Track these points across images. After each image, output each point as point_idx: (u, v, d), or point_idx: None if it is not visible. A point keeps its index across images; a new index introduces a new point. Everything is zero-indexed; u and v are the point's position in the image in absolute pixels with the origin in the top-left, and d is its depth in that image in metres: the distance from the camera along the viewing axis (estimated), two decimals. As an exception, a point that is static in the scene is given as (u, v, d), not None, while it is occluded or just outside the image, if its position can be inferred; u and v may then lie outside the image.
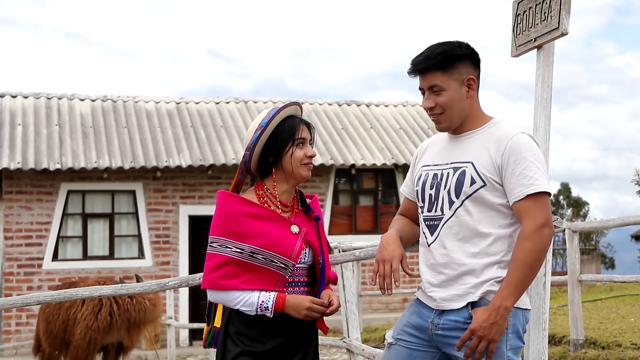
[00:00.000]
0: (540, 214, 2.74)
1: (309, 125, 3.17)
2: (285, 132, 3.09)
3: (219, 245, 3.00)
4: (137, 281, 7.98)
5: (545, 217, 2.75)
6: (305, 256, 3.09)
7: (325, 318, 3.13)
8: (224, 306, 3.11)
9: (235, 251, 2.98)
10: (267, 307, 2.97)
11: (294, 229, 3.07)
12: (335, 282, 3.27)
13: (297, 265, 3.07)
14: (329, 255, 3.26)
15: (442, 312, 2.86)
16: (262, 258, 2.99)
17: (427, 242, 2.94)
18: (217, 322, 3.15)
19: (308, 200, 3.24)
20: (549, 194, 2.80)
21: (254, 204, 3.07)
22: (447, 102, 2.88)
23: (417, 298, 3.01)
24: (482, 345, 2.70)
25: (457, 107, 2.89)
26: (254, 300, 2.97)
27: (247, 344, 3.00)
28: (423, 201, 2.97)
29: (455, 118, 2.90)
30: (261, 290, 2.99)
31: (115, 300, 7.15)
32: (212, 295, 3.05)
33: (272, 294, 2.99)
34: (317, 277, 3.12)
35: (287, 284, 3.05)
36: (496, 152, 2.82)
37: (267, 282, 2.99)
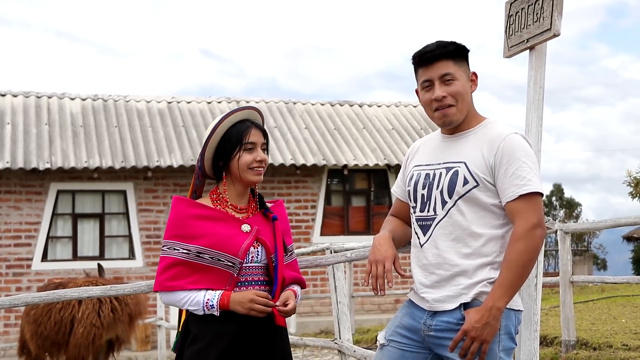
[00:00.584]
0: (533, 214, 2.72)
1: (262, 130, 3.16)
2: (233, 137, 3.10)
3: (168, 248, 3.04)
4: (99, 271, 8.05)
5: (537, 218, 2.73)
6: (258, 255, 3.08)
7: (315, 319, 3.09)
8: (186, 310, 3.12)
9: (183, 252, 3.00)
10: (213, 304, 2.97)
11: (245, 227, 3.07)
12: (302, 285, 3.24)
13: (251, 265, 3.06)
14: (295, 257, 3.25)
15: (435, 313, 2.85)
16: (209, 257, 3.00)
17: (420, 243, 2.92)
18: (181, 327, 3.18)
19: (270, 205, 3.24)
20: (542, 194, 2.79)
21: (204, 206, 3.09)
22: (459, 91, 2.86)
23: (410, 299, 3.00)
24: (475, 346, 2.68)
25: (466, 98, 2.90)
26: (199, 299, 2.98)
27: (198, 349, 3.00)
28: (415, 201, 2.95)
29: (464, 111, 2.89)
30: (209, 289, 2.99)
31: (115, 297, 7.17)
32: (162, 297, 3.08)
33: (218, 292, 2.99)
34: (272, 277, 3.10)
35: (241, 283, 3.05)
36: (489, 153, 2.81)
37: (216, 281, 3.00)
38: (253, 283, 3.08)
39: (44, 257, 14.66)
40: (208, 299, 2.97)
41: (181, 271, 3.00)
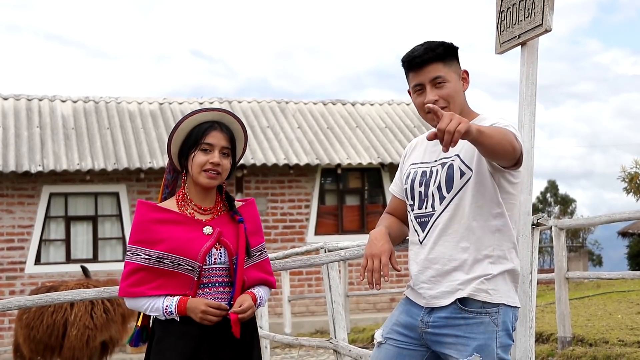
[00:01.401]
0: (514, 137, 2.70)
1: (229, 135, 3.11)
2: (192, 135, 3.08)
3: (131, 253, 3.05)
4: (84, 273, 8.02)
5: (519, 142, 2.70)
6: (220, 256, 3.06)
7: (310, 319, 3.07)
8: None
9: (144, 258, 3.01)
10: (171, 310, 2.99)
11: (207, 230, 3.06)
12: (270, 286, 3.21)
13: (212, 267, 3.05)
14: (266, 257, 3.22)
15: (432, 310, 2.86)
16: (170, 262, 3.00)
17: (419, 240, 2.93)
18: (140, 322, 3.21)
19: (240, 204, 3.21)
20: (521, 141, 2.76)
21: (165, 210, 3.08)
22: (450, 93, 2.88)
23: (407, 297, 3.00)
24: (452, 124, 2.43)
25: (459, 100, 2.90)
26: (159, 305, 3.00)
27: (166, 351, 3.02)
28: (413, 199, 2.96)
29: (457, 111, 2.88)
30: (169, 294, 3.00)
31: (107, 298, 7.17)
32: (126, 302, 3.10)
33: (176, 298, 3.00)
34: (232, 278, 3.09)
35: (204, 285, 3.04)
36: None
37: (178, 285, 3.01)
38: (216, 284, 3.07)
39: (37, 261, 14.60)
40: (167, 306, 2.99)
41: (143, 277, 3.01)
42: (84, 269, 8.17)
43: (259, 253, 3.18)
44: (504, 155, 2.68)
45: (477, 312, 2.79)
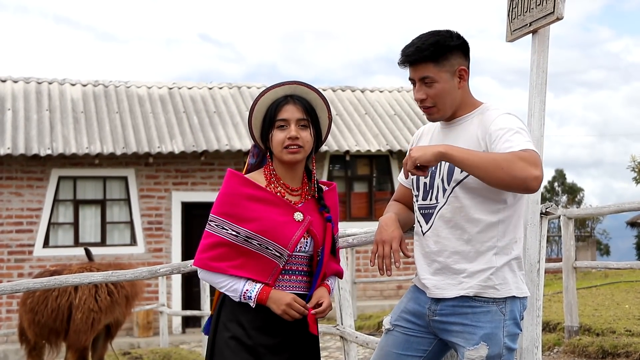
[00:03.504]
0: (530, 155, 2.60)
1: (303, 105, 3.00)
2: (267, 115, 3.00)
3: (216, 225, 2.94)
4: (87, 255, 8.05)
5: (536, 164, 2.58)
6: (306, 245, 3.00)
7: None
8: (218, 293, 3.05)
9: (231, 234, 2.91)
10: (250, 296, 2.90)
11: (298, 216, 2.98)
12: (340, 276, 3.18)
13: (297, 254, 2.98)
14: (338, 247, 3.16)
15: (439, 298, 2.86)
16: (257, 244, 2.91)
17: (422, 231, 2.92)
18: (213, 310, 3.10)
19: (325, 188, 3.14)
20: (538, 153, 2.68)
21: (258, 186, 2.97)
22: (438, 93, 2.86)
23: (415, 285, 3.00)
24: (408, 159, 2.68)
25: (449, 98, 2.87)
26: (238, 287, 2.91)
27: (236, 330, 2.94)
28: (418, 190, 2.96)
29: (447, 109, 2.89)
30: (250, 278, 2.91)
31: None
32: (200, 274, 3.00)
33: (258, 285, 2.91)
34: (313, 269, 3.03)
35: (284, 272, 2.97)
36: (482, 135, 2.80)
37: (259, 269, 2.92)
38: (296, 272, 3.01)
39: (46, 244, 14.66)
40: (247, 290, 2.90)
41: (226, 253, 2.91)
42: (87, 252, 8.19)
43: (336, 244, 3.14)
44: (497, 185, 2.64)
45: (485, 301, 2.78)
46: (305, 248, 2.99)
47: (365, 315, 12.90)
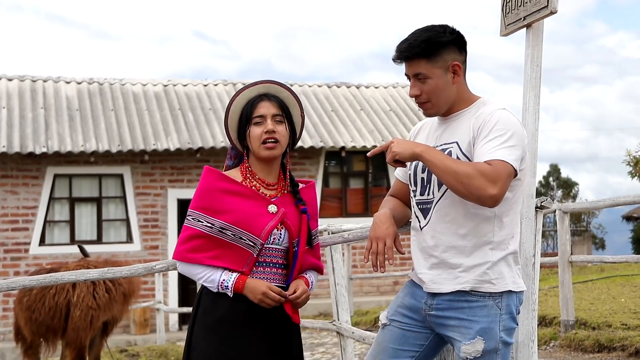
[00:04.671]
0: (501, 176, 2.65)
1: (276, 101, 3.10)
2: (244, 113, 3.10)
3: (192, 218, 3.03)
4: (82, 252, 8.02)
5: (501, 181, 2.64)
6: (280, 237, 3.06)
7: (313, 301, 3.08)
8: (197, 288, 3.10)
9: (206, 225, 2.99)
10: (227, 286, 2.97)
11: (272, 208, 3.04)
12: (319, 271, 3.22)
13: (271, 246, 3.04)
14: (317, 242, 3.20)
15: (435, 293, 2.86)
16: (231, 234, 2.98)
17: (420, 226, 2.92)
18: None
19: (302, 186, 3.20)
20: (510, 165, 2.69)
21: (233, 181, 3.07)
22: (432, 89, 2.87)
23: (411, 279, 3.00)
24: (387, 151, 2.81)
25: (443, 94, 2.88)
26: (215, 277, 2.98)
27: (212, 323, 3.00)
28: (415, 185, 2.96)
29: (442, 105, 2.90)
30: (227, 268, 2.98)
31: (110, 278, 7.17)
32: (179, 267, 3.09)
33: (234, 274, 2.98)
34: (290, 262, 3.09)
35: (259, 264, 3.03)
36: (474, 128, 2.81)
37: (235, 259, 2.98)
38: (272, 265, 3.06)
39: (42, 242, 14.65)
40: (224, 280, 2.97)
41: (202, 244, 2.99)
42: (81, 248, 8.17)
43: (314, 238, 3.18)
44: (458, 195, 2.72)
45: (481, 296, 2.79)
46: (279, 240, 3.05)
47: (361, 311, 12.91)
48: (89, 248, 14.61)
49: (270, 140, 3.04)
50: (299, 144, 15.68)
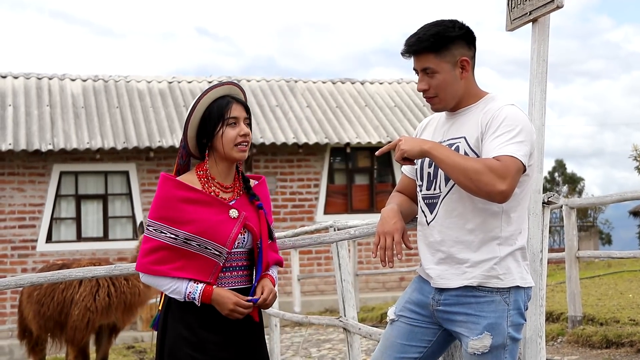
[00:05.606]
0: (510, 171, 2.65)
1: (244, 105, 3.11)
2: (214, 113, 3.05)
3: (154, 229, 3.00)
4: (140, 228, 7.82)
5: (510, 176, 2.64)
6: (244, 241, 3.06)
7: (320, 298, 3.10)
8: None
9: (170, 237, 2.97)
10: (194, 297, 2.97)
11: (233, 213, 3.03)
12: (281, 265, 3.23)
13: (235, 250, 3.05)
14: (273, 240, 3.21)
15: (443, 288, 2.86)
16: (197, 245, 2.97)
17: (427, 221, 2.92)
18: (161, 305, 3.16)
19: (253, 182, 3.20)
20: (520, 160, 2.70)
21: (191, 188, 3.03)
22: (440, 84, 2.87)
23: (419, 275, 3.00)
24: (396, 150, 2.82)
25: (451, 89, 2.87)
26: (181, 289, 2.97)
27: (182, 329, 3.01)
28: (422, 179, 2.96)
29: (449, 100, 2.89)
30: (192, 279, 2.97)
31: (112, 282, 7.12)
32: (143, 278, 3.06)
33: (200, 286, 2.97)
34: (255, 261, 3.10)
35: (225, 269, 3.04)
36: (482, 124, 2.80)
37: (201, 269, 2.98)
38: (237, 268, 3.07)
39: (49, 239, 14.68)
40: (190, 292, 2.97)
41: (166, 256, 2.97)
42: (141, 226, 7.97)
43: (273, 232, 3.20)
44: (467, 191, 2.73)
45: (488, 291, 2.78)
46: (243, 243, 3.06)
47: (367, 307, 12.91)
48: (95, 245, 14.77)
49: (244, 143, 3.05)
50: (304, 140, 15.70)
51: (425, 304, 2.91)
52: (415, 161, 2.98)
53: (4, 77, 16.30)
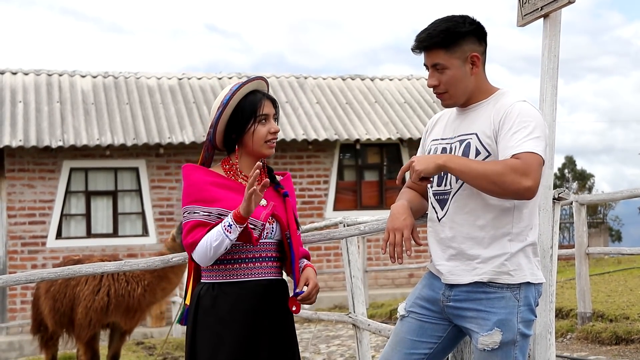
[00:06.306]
0: (532, 167, 2.66)
1: (272, 100, 3.13)
2: (246, 109, 3.06)
3: (187, 213, 3.01)
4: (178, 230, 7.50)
5: (533, 171, 2.65)
6: (272, 231, 3.07)
7: (329, 294, 3.09)
8: (194, 284, 3.11)
9: (204, 214, 2.97)
10: (230, 223, 2.89)
11: (262, 201, 3.02)
12: (309, 258, 3.23)
13: (265, 241, 3.04)
14: (299, 232, 3.20)
15: (453, 284, 2.86)
16: None
17: (437, 217, 2.92)
18: (188, 300, 3.15)
19: (279, 178, 3.22)
20: (540, 155, 2.70)
21: (220, 175, 3.06)
22: (450, 80, 2.86)
23: (429, 271, 3.00)
24: (410, 171, 2.80)
25: (461, 85, 2.87)
26: (218, 229, 2.92)
27: (214, 322, 3.00)
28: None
29: (460, 95, 2.89)
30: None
31: (112, 283, 7.10)
32: (194, 257, 3.01)
33: (229, 214, 2.93)
34: (287, 253, 3.09)
35: (255, 259, 3.03)
36: (495, 120, 2.80)
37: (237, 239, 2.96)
38: (266, 259, 3.07)
39: (59, 235, 14.73)
40: (224, 225, 2.91)
41: (203, 231, 2.95)
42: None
43: (299, 223, 3.21)
44: (494, 196, 2.74)
45: (499, 287, 2.78)
46: (272, 234, 3.06)
47: (377, 304, 12.90)
48: (104, 241, 14.80)
49: (273, 140, 3.09)
50: (314, 136, 15.71)
51: (436, 300, 2.91)
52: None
53: (15, 73, 16.36)
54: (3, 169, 14.78)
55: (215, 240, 2.92)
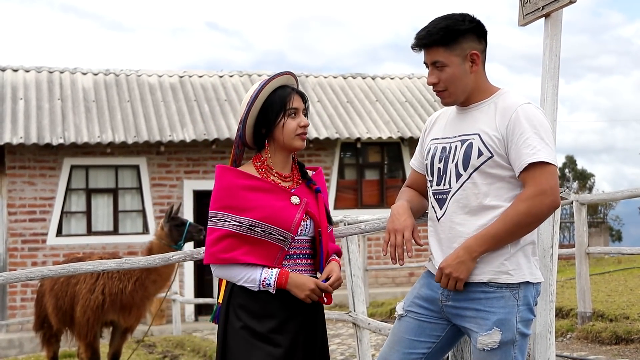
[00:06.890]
0: (544, 180, 2.71)
1: (302, 95, 3.12)
2: (276, 103, 3.05)
3: (217, 219, 2.98)
4: (171, 210, 7.47)
5: (548, 185, 2.71)
6: (306, 228, 3.05)
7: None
8: (224, 281, 3.09)
9: (234, 224, 2.94)
10: (270, 283, 2.94)
11: (294, 199, 3.02)
12: (339, 255, 3.22)
13: (298, 238, 3.03)
14: (332, 227, 3.21)
15: None
16: (261, 231, 2.95)
17: (437, 217, 2.92)
18: (221, 298, 3.12)
19: (311, 173, 3.20)
20: (554, 165, 2.74)
21: (252, 176, 3.03)
22: (449, 78, 2.86)
23: (428, 270, 3.00)
24: (451, 283, 2.77)
25: (461, 83, 2.87)
26: (256, 277, 2.95)
27: (247, 319, 2.97)
28: (432, 175, 2.96)
29: (459, 94, 2.88)
30: (260, 264, 2.95)
31: (106, 281, 7.08)
32: (215, 271, 3.03)
33: (275, 270, 2.95)
34: (317, 249, 3.08)
35: (288, 257, 3.02)
36: (501, 124, 2.79)
37: (266, 254, 2.96)
38: (301, 256, 3.06)
39: (59, 232, 14.73)
40: (265, 277, 2.94)
41: (233, 243, 2.94)
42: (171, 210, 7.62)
43: (331, 218, 3.19)
44: (533, 229, 2.81)
45: (498, 287, 2.78)
46: (306, 231, 3.05)
47: (377, 303, 12.91)
48: (105, 239, 14.80)
49: (303, 134, 3.08)
50: (314, 135, 15.70)
51: (434, 299, 2.90)
52: (425, 155, 3.00)
53: (16, 70, 16.36)
54: (4, 166, 14.78)
55: (248, 283, 2.96)
